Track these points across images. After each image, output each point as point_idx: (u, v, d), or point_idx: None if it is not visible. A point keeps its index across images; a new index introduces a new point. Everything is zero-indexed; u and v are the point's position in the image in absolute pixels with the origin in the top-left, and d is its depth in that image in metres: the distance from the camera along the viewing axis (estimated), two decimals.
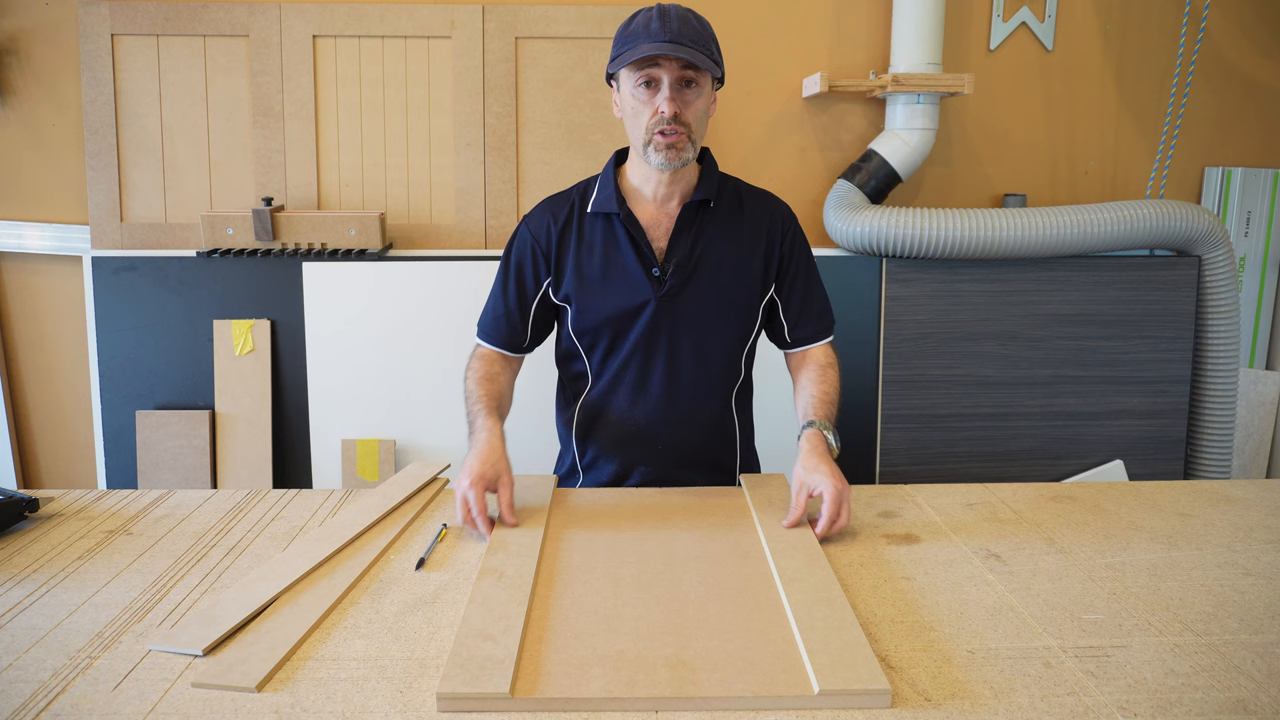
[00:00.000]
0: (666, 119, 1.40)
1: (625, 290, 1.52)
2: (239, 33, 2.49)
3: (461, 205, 2.57)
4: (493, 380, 1.56)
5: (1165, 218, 2.46)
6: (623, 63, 1.41)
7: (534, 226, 1.57)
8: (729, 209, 1.56)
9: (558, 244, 1.55)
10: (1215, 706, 0.90)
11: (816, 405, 1.49)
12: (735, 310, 1.56)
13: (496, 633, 1.00)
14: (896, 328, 2.53)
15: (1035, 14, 2.64)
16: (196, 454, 2.48)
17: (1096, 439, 2.61)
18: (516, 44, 2.53)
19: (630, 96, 1.44)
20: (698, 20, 1.43)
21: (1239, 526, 1.36)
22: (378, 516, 1.35)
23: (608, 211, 1.52)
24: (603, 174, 1.57)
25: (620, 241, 1.52)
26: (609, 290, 1.52)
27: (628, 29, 1.43)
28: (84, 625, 1.05)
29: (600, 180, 1.56)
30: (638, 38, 1.40)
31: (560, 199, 1.59)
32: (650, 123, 1.42)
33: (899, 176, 2.53)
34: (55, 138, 2.56)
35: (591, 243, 1.54)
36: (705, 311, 1.53)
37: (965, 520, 1.38)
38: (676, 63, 1.39)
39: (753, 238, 1.56)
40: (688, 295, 1.52)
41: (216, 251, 2.43)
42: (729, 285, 1.54)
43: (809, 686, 0.91)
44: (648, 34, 1.39)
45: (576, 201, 1.57)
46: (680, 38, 1.38)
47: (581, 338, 1.57)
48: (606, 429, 1.60)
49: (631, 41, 1.40)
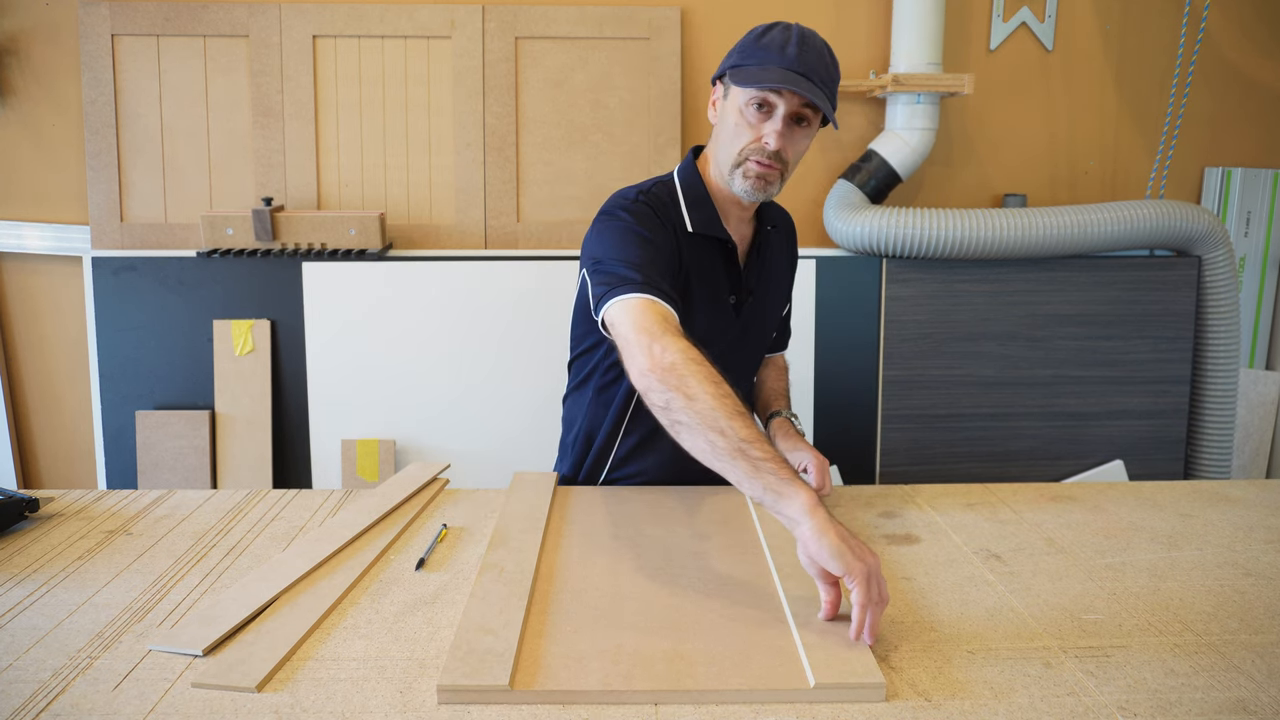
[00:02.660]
0: (768, 151, 1.33)
1: (712, 314, 1.45)
2: (239, 33, 2.49)
3: (461, 205, 2.57)
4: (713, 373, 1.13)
5: (1165, 218, 2.46)
6: (746, 79, 1.32)
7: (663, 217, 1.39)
8: (775, 231, 1.56)
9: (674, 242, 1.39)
10: (1215, 706, 0.90)
11: (779, 397, 1.61)
12: (773, 328, 1.62)
13: (496, 626, 1.00)
14: (896, 328, 2.53)
15: (1035, 14, 2.64)
16: (196, 454, 2.48)
17: (1096, 439, 2.61)
18: (516, 44, 2.53)
19: (738, 112, 1.35)
20: (831, 58, 1.34)
21: (1239, 526, 1.36)
22: (378, 517, 1.35)
23: (713, 235, 1.42)
24: (688, 185, 1.44)
25: (716, 263, 1.44)
26: (698, 311, 1.42)
27: (760, 39, 1.34)
28: (84, 625, 1.05)
29: (690, 195, 1.44)
30: (770, 56, 1.31)
31: (656, 201, 1.42)
32: (750, 147, 1.35)
33: (899, 176, 2.53)
34: (55, 138, 2.56)
35: (689, 256, 1.42)
36: (758, 335, 1.57)
37: (965, 520, 1.38)
38: (798, 98, 1.31)
39: (786, 261, 1.61)
40: (752, 320, 1.53)
41: (216, 251, 2.43)
42: (775, 309, 1.59)
43: (805, 680, 0.92)
44: (783, 56, 1.30)
45: (673, 209, 1.43)
46: (813, 73, 1.30)
47: None
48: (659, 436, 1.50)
49: (762, 57, 1.32)
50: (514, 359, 2.45)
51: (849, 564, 0.96)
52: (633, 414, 1.52)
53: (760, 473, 1.03)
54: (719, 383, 1.10)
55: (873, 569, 0.97)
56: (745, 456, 1.04)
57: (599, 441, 1.55)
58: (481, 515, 1.40)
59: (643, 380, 1.14)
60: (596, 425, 1.56)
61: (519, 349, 2.46)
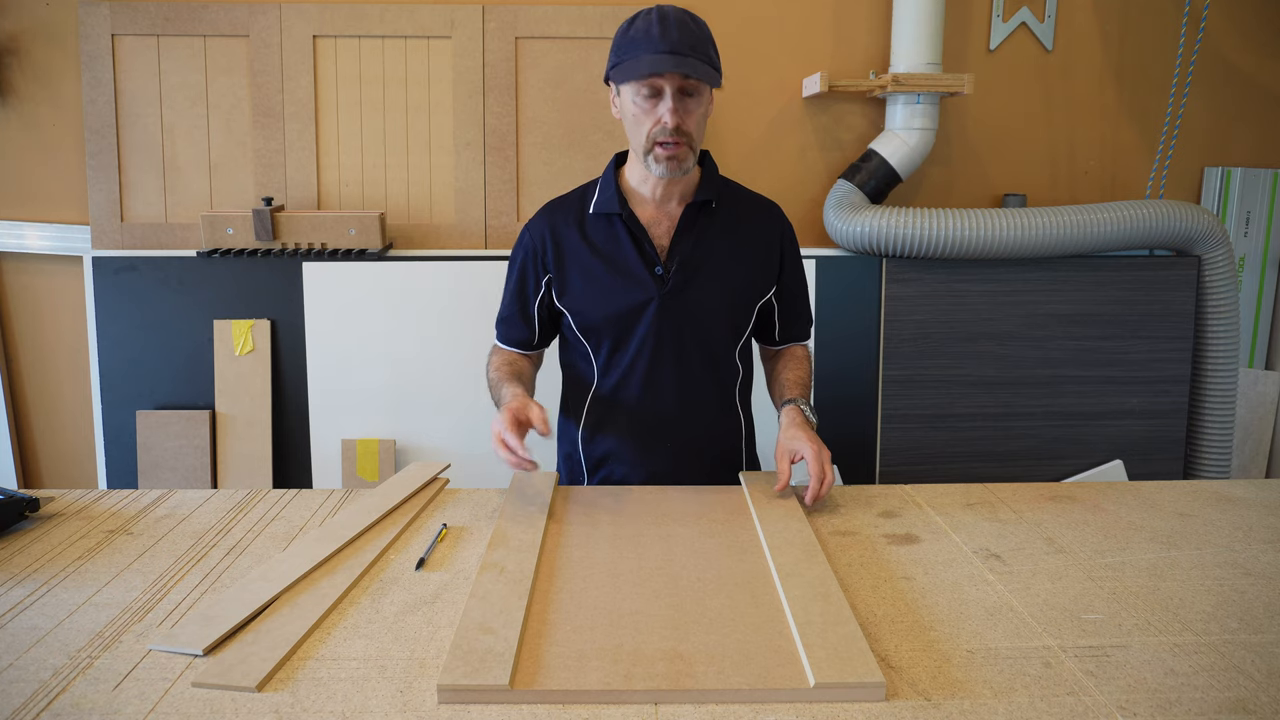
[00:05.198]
0: (669, 130, 1.42)
1: (629, 288, 1.53)
2: (239, 33, 2.49)
3: (461, 205, 2.57)
4: (511, 364, 1.61)
5: (1165, 218, 2.46)
6: (624, 75, 1.42)
7: (534, 232, 1.59)
8: (728, 211, 1.58)
9: (555, 247, 1.57)
10: (1215, 706, 0.90)
11: (794, 386, 1.59)
12: (734, 309, 1.60)
13: (497, 626, 1.00)
14: (896, 328, 2.53)
15: (1035, 14, 2.64)
16: (197, 454, 2.48)
17: (1096, 439, 2.61)
18: (516, 44, 2.53)
19: (631, 104, 1.45)
20: (695, 24, 1.43)
21: (1239, 526, 1.36)
22: (378, 516, 1.35)
23: (609, 212, 1.54)
24: (603, 176, 1.59)
25: (622, 241, 1.54)
26: (613, 288, 1.54)
27: (627, 34, 1.44)
28: (84, 625, 1.05)
29: (601, 182, 1.58)
30: (638, 46, 1.41)
31: (561, 202, 1.62)
32: (652, 132, 1.44)
33: (899, 176, 2.53)
34: (55, 138, 2.56)
35: (594, 242, 1.55)
36: (707, 309, 1.56)
37: (965, 520, 1.38)
38: (677, 75, 1.39)
39: (753, 241, 1.59)
40: (690, 294, 1.54)
41: (216, 251, 2.43)
42: (729, 284, 1.57)
43: (805, 679, 0.92)
44: (648, 41, 1.39)
45: (577, 204, 1.59)
46: (680, 47, 1.39)
47: (587, 335, 1.58)
48: (617, 425, 1.60)
49: (632, 50, 1.41)
50: None
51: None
52: (587, 426, 1.63)
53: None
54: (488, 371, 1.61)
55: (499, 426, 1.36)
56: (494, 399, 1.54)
57: (575, 455, 1.66)
58: (481, 515, 1.40)
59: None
60: (570, 439, 1.67)
61: None
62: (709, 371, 1.60)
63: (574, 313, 1.57)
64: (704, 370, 1.59)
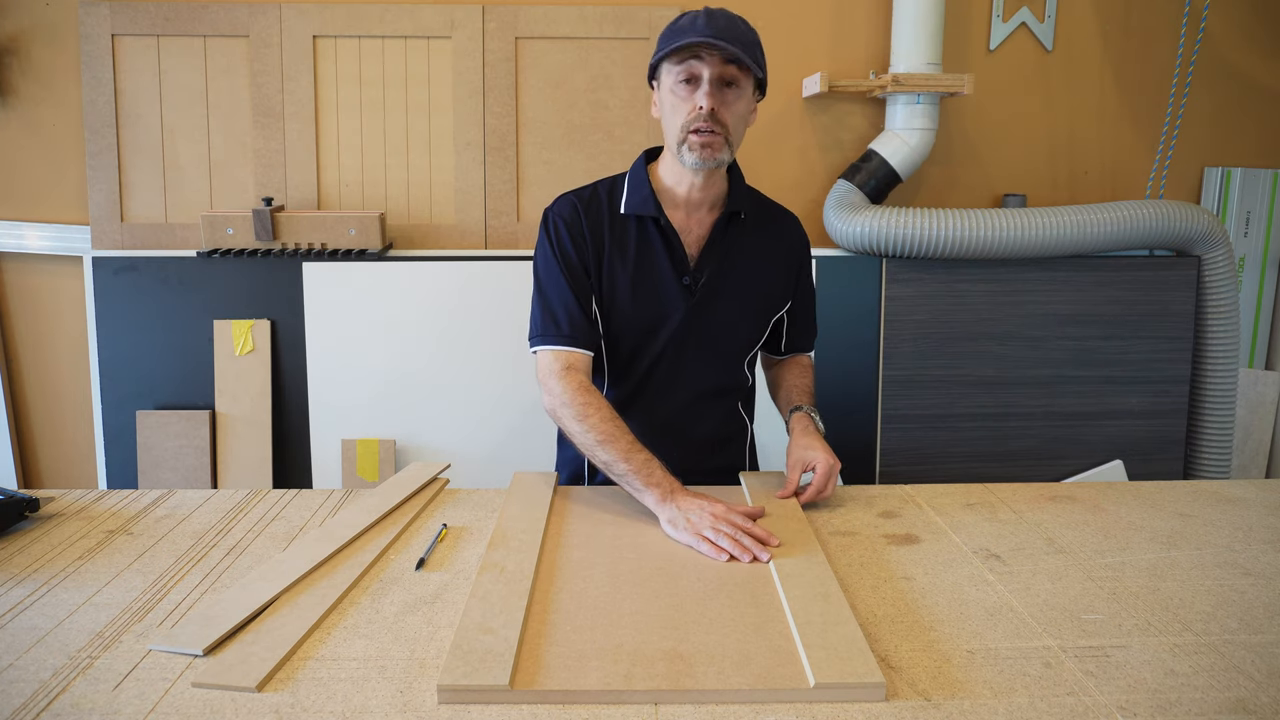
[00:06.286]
0: (704, 114, 1.38)
1: (657, 298, 1.50)
2: (239, 33, 2.49)
3: (461, 205, 2.57)
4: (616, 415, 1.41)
5: (1165, 218, 2.46)
6: (664, 51, 1.38)
7: (567, 216, 1.50)
8: (756, 223, 1.56)
9: (595, 240, 1.49)
10: (1215, 706, 0.90)
11: (802, 393, 1.62)
12: (752, 324, 1.59)
13: (497, 626, 1.00)
14: (896, 328, 2.53)
15: (1035, 14, 2.64)
16: (197, 454, 2.48)
17: (1096, 439, 2.61)
18: (516, 44, 2.53)
19: (669, 92, 1.41)
20: (745, 25, 1.41)
21: (1239, 526, 1.36)
22: (378, 516, 1.35)
23: (644, 214, 1.49)
24: (633, 174, 1.52)
25: (656, 247, 1.49)
26: (640, 296, 1.49)
27: (674, 26, 1.41)
28: (84, 625, 1.05)
29: (631, 180, 1.52)
30: (682, 34, 1.37)
31: (585, 195, 1.53)
32: (688, 119, 1.40)
33: (899, 176, 2.53)
34: (55, 138, 2.56)
35: (624, 245, 1.49)
36: (728, 323, 1.54)
37: (965, 520, 1.38)
38: (719, 58, 1.37)
39: (775, 257, 1.58)
40: (715, 307, 1.52)
41: (216, 251, 2.43)
42: (751, 300, 1.56)
43: (805, 680, 0.92)
44: (694, 30, 1.37)
45: (605, 201, 1.52)
46: (724, 34, 1.36)
47: (605, 340, 1.53)
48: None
49: (676, 37, 1.38)
50: (514, 359, 2.45)
51: (690, 538, 1.24)
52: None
53: (624, 482, 1.37)
54: (585, 418, 1.39)
55: (718, 514, 1.25)
56: (611, 472, 1.37)
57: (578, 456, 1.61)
58: (481, 515, 1.40)
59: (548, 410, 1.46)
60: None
61: (519, 349, 2.45)
62: (720, 381, 1.58)
63: (598, 313, 1.52)
64: (716, 380, 1.58)
